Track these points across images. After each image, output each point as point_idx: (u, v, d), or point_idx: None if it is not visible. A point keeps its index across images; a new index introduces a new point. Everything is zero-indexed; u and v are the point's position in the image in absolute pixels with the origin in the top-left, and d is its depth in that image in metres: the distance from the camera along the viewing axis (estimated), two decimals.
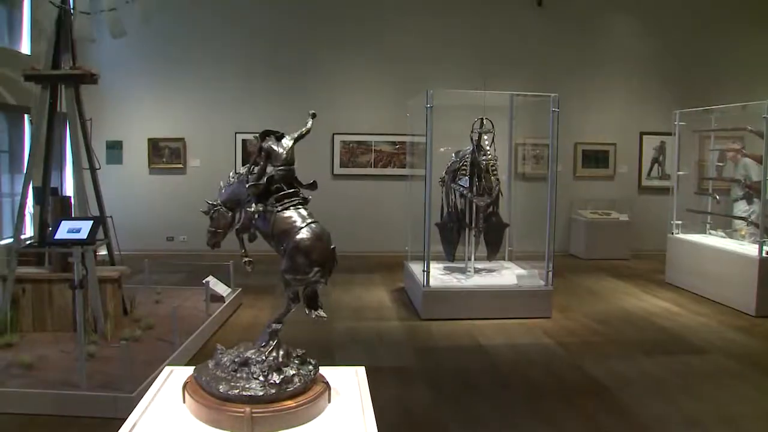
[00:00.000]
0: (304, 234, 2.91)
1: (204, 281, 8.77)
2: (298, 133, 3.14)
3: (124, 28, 8.47)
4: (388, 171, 14.30)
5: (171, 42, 13.96)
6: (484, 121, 9.29)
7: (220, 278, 9.38)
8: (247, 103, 14.14)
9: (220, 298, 8.93)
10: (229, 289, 9.38)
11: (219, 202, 3.19)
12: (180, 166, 14.18)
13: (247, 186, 3.04)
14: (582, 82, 14.66)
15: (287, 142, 3.09)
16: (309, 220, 2.96)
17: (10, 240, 10.55)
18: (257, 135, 3.09)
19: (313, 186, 3.14)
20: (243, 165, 13.31)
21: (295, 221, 2.95)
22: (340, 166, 14.30)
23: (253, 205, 3.02)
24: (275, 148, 3.06)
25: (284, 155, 3.05)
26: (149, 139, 14.13)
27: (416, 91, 9.64)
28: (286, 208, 2.99)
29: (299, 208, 3.01)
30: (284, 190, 3.02)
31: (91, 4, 8.08)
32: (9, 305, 7.57)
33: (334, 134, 14.09)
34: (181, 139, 14.14)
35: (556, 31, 14.63)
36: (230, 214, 3.19)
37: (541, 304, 9.23)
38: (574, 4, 14.71)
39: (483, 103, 9.57)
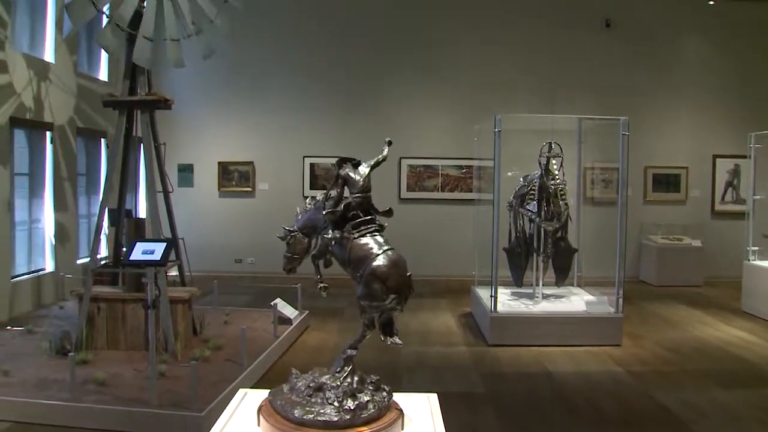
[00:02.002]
0: (380, 261, 2.91)
1: (272, 303, 8.87)
2: (375, 160, 3.16)
3: (211, 50, 8.71)
4: (455, 195, 14.27)
5: (241, 69, 14.30)
6: (553, 145, 9.19)
7: (288, 301, 9.48)
8: (314, 127, 14.35)
9: (287, 321, 9.01)
10: (297, 312, 9.47)
11: (295, 228, 3.23)
12: (249, 189, 14.44)
13: (324, 213, 3.07)
14: (652, 104, 14.37)
15: (364, 169, 3.11)
16: (385, 247, 2.96)
17: (87, 260, 10.93)
18: (334, 162, 3.12)
19: (388, 213, 3.15)
20: (310, 188, 13.79)
21: (371, 248, 2.95)
22: (407, 190, 14.34)
23: (330, 231, 3.04)
24: (352, 175, 3.08)
25: (361, 182, 3.07)
26: (219, 163, 14.45)
27: (484, 115, 9.62)
28: (363, 235, 3.00)
29: (375, 235, 3.02)
30: (361, 217, 3.04)
31: (167, 30, 8.31)
32: (85, 323, 7.79)
33: (401, 158, 14.15)
34: (250, 163, 14.41)
35: (625, 53, 14.40)
36: (306, 240, 3.22)
37: (610, 332, 9.01)
38: (643, 25, 14.47)
39: (551, 127, 9.47)
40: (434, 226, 14.12)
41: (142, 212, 12.69)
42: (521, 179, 9.80)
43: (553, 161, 9.22)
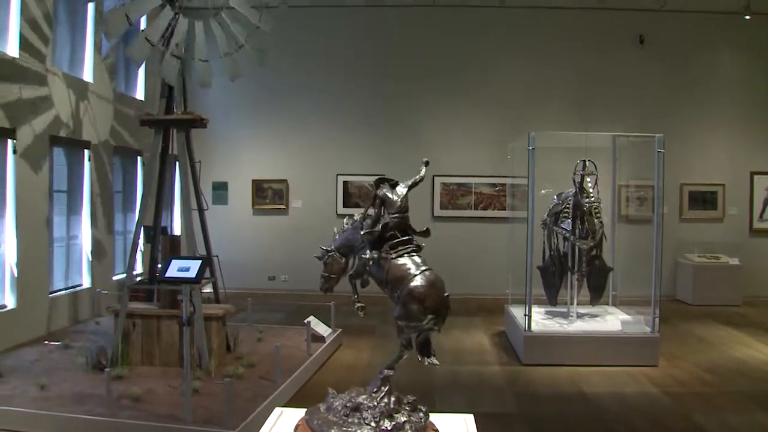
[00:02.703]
0: (418, 281, 2.91)
1: (305, 321, 8.90)
2: (412, 180, 3.17)
3: (240, 71, 8.84)
4: (489, 213, 14.23)
5: (275, 88, 14.44)
6: (587, 162, 9.13)
7: (321, 318, 9.48)
8: (348, 145, 14.44)
9: (320, 338, 9.01)
10: (330, 330, 9.47)
11: (333, 248, 3.24)
12: (282, 206, 14.54)
13: (361, 233, 3.08)
14: (687, 121, 14.21)
15: (401, 189, 3.11)
16: (423, 268, 2.96)
17: (123, 276, 11.08)
18: (372, 182, 3.13)
19: (426, 233, 3.15)
20: (344, 206, 13.85)
21: (409, 268, 2.95)
22: (441, 208, 14.32)
23: (368, 251, 3.05)
24: (390, 195, 3.09)
25: (399, 203, 3.08)
26: (253, 181, 14.59)
27: (517, 133, 9.60)
28: (400, 255, 3.00)
29: (413, 255, 3.02)
30: (398, 237, 3.04)
31: (196, 50, 8.44)
32: (120, 339, 7.88)
33: (434, 176, 14.15)
34: (284, 181, 14.53)
35: (659, 69, 14.28)
36: (343, 260, 3.24)
37: (647, 352, 8.87)
38: (677, 41, 14.34)
39: (585, 144, 9.42)
40: (467, 244, 14.07)
41: (177, 229, 12.86)
42: (555, 197, 9.74)
43: (588, 179, 9.17)
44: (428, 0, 13.92)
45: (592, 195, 9.12)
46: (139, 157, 12.93)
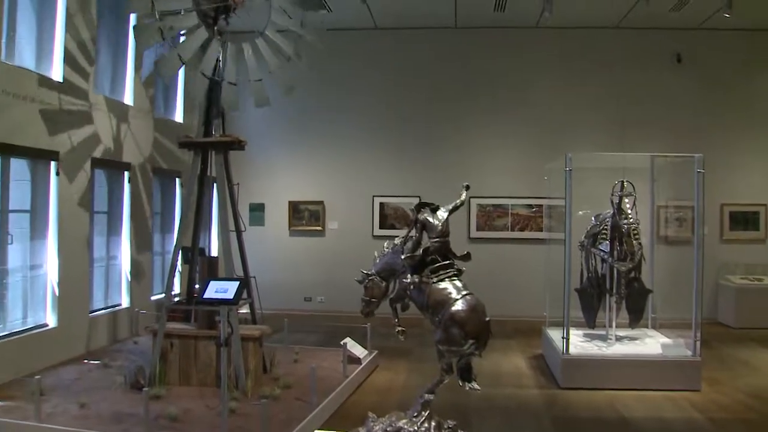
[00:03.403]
0: (459, 306, 2.90)
1: (341, 343, 8.87)
2: (453, 205, 3.17)
3: (268, 98, 8.94)
4: (525, 234, 14.13)
5: (311, 110, 14.55)
6: (625, 183, 9.03)
7: (357, 340, 9.47)
8: (384, 167, 14.47)
9: (356, 360, 8.99)
10: (366, 351, 9.44)
11: (373, 271, 3.24)
12: (319, 228, 14.61)
13: (402, 257, 3.08)
14: (727, 141, 13.98)
15: (442, 214, 3.12)
16: (464, 292, 2.95)
17: (161, 296, 11.20)
18: (413, 207, 3.14)
19: (467, 257, 3.14)
20: (380, 227, 13.87)
21: (450, 293, 2.95)
22: (477, 230, 14.24)
23: (409, 276, 3.04)
24: (431, 220, 3.09)
25: (440, 227, 3.08)
26: (290, 202, 14.68)
27: (553, 154, 9.54)
28: (441, 280, 3.00)
29: (454, 280, 3.01)
30: (439, 262, 3.04)
31: (226, 72, 8.57)
32: (158, 358, 7.96)
33: (470, 198, 14.08)
34: (321, 202, 14.60)
35: (697, 88, 14.11)
36: (384, 284, 3.24)
37: (688, 376, 8.67)
38: (715, 59, 14.15)
39: (623, 165, 9.33)
40: (504, 265, 13.95)
41: (214, 250, 12.98)
42: (593, 218, 9.64)
43: (626, 200, 9.07)
44: (464, 22, 13.96)
45: (630, 216, 9.02)
46: (177, 179, 13.11)
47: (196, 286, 8.48)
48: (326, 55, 10.11)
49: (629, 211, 9.05)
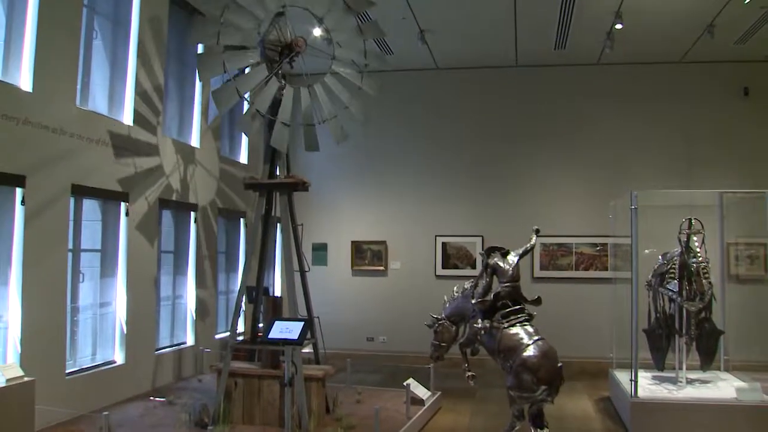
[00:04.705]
0: (530, 352, 2.88)
1: (404, 383, 8.79)
2: (523, 249, 3.16)
3: (346, 133, 9.06)
4: (590, 274, 13.85)
5: (374, 151, 14.69)
6: (693, 220, 8.82)
7: (420, 381, 9.37)
8: (446, 207, 14.44)
9: (420, 401, 8.89)
10: (429, 392, 9.34)
11: (443, 316, 3.24)
12: (381, 268, 14.62)
13: (473, 302, 3.07)
14: None
15: (512, 258, 3.11)
16: (536, 338, 2.93)
17: (225, 335, 11.35)
18: (483, 251, 3.14)
19: (537, 301, 3.12)
20: (442, 267, 13.83)
21: (521, 338, 2.93)
22: (541, 269, 14.04)
23: (480, 321, 3.03)
24: (501, 264, 3.09)
25: (510, 271, 3.07)
26: (353, 242, 14.75)
27: (617, 192, 9.40)
28: (512, 325, 2.98)
29: (525, 325, 2.99)
30: (510, 306, 3.02)
31: (303, 116, 8.72)
32: (223, 397, 8.04)
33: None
34: (383, 242, 14.63)
35: (766, 122, 13.73)
36: (454, 328, 3.23)
37: (766, 422, 8.31)
38: None
39: (690, 202, 9.13)
40: (568, 305, 13.64)
41: (278, 290, 13.10)
42: (660, 257, 9.42)
43: (694, 238, 8.85)
44: (525, 60, 13.96)
45: (699, 254, 8.79)
46: (242, 219, 13.36)
47: (260, 325, 8.57)
48: (388, 95, 10.23)
49: (698, 250, 8.82)
